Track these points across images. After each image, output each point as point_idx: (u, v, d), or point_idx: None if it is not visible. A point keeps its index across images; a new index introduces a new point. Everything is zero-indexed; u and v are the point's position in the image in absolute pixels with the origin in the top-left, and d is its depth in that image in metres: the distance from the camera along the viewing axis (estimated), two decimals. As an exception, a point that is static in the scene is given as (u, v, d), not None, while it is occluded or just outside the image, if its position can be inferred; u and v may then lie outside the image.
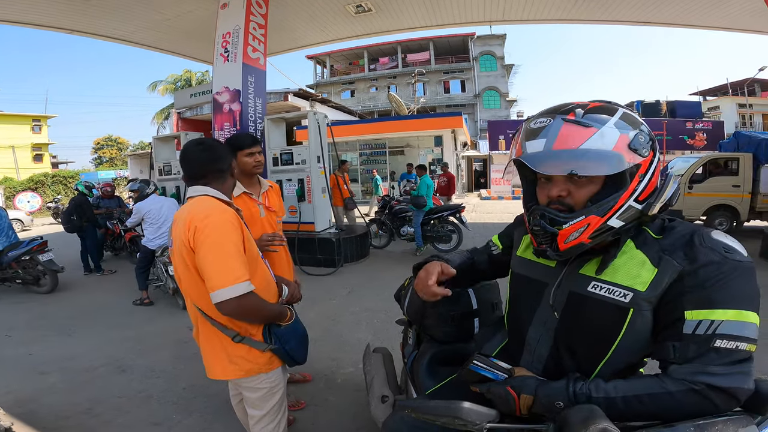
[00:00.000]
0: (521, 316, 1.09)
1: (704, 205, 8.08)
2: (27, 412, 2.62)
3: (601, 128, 0.83)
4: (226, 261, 1.30)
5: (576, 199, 0.90)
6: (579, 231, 0.88)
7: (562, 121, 0.86)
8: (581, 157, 0.83)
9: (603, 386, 0.84)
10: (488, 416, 0.77)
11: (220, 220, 1.34)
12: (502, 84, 34.50)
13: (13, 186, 21.22)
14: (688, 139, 18.98)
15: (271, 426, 1.67)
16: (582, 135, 0.83)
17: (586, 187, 0.89)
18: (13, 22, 7.42)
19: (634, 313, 0.87)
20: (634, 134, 0.84)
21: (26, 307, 5.07)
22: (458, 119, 17.23)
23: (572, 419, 0.73)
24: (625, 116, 0.87)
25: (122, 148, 42.37)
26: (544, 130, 0.87)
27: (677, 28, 8.75)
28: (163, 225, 4.76)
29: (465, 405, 0.76)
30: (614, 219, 0.87)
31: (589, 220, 0.87)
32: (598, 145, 0.82)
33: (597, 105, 0.89)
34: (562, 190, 0.91)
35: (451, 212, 6.99)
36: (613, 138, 0.83)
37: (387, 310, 4.23)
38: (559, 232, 0.89)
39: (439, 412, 0.77)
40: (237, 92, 6.51)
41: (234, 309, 1.32)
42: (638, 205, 0.87)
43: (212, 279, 1.29)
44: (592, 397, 0.82)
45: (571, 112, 0.87)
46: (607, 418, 0.71)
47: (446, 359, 1.40)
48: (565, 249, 0.91)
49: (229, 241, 1.33)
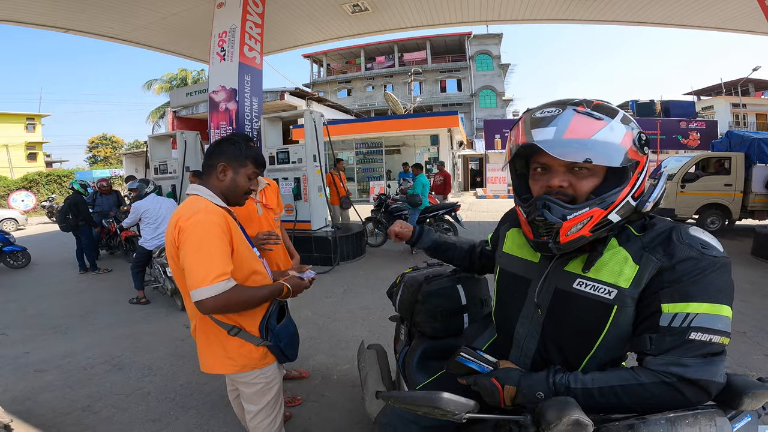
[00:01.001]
0: (508, 312, 1.12)
1: (696, 204, 8.16)
2: (25, 409, 2.64)
3: (611, 122, 0.85)
4: (204, 260, 1.31)
5: (578, 190, 0.90)
6: (581, 224, 0.88)
7: (573, 112, 0.87)
8: (593, 147, 0.84)
9: (581, 378, 0.87)
10: (467, 406, 0.79)
11: (204, 221, 1.36)
12: (498, 83, 34.53)
13: (7, 185, 21.07)
14: (682, 138, 19.08)
15: (267, 421, 1.69)
16: (594, 126, 0.85)
17: (589, 179, 0.90)
18: (8, 21, 7.37)
19: (618, 310, 0.89)
20: (638, 132, 0.87)
21: (21, 305, 5.07)
22: (454, 118, 17.27)
23: (548, 410, 0.75)
24: (625, 116, 0.89)
25: (117, 146, 42.14)
26: (555, 119, 0.87)
27: (672, 29, 8.82)
28: (160, 225, 4.73)
29: (444, 395, 0.78)
30: (614, 213, 0.88)
31: (593, 213, 0.88)
32: (608, 137, 0.84)
33: (600, 103, 0.91)
34: (563, 180, 0.91)
35: (446, 211, 7.03)
36: (621, 133, 0.85)
37: (383, 308, 4.26)
38: (563, 223, 0.89)
39: (419, 402, 0.80)
40: (233, 91, 6.51)
41: (212, 307, 1.33)
42: (633, 201, 0.90)
43: (190, 277, 1.32)
44: (571, 388, 0.86)
45: (581, 105, 0.88)
46: (581, 410, 0.74)
47: (437, 354, 1.44)
48: (566, 242, 0.91)
49: (211, 241, 1.34)
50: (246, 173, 1.58)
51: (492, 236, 1.39)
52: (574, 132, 0.85)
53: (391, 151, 18.65)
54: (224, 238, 1.38)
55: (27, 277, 6.80)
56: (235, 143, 1.56)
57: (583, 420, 0.72)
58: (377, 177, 18.42)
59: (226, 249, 1.37)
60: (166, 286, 4.69)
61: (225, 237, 1.39)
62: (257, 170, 1.62)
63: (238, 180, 1.56)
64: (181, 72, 25.90)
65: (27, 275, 6.92)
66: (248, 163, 1.57)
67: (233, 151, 1.54)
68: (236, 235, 1.46)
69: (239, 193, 1.58)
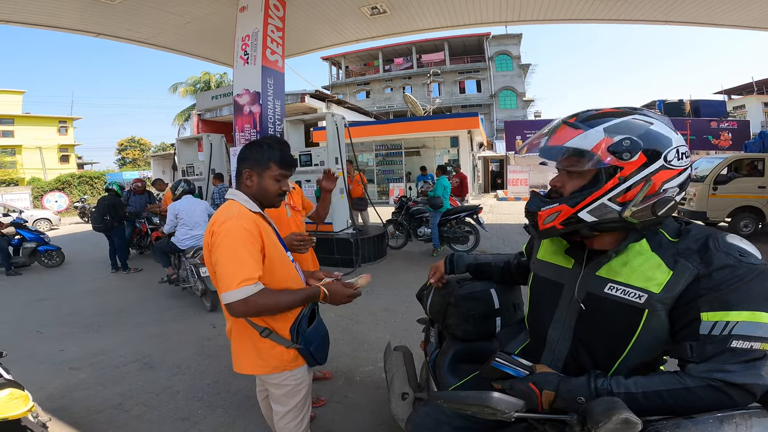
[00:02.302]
0: (541, 316, 1.14)
1: (729, 207, 7.85)
2: (60, 407, 2.72)
3: (588, 131, 0.93)
4: (232, 264, 1.34)
5: (565, 190, 1.00)
6: (552, 216, 0.99)
7: (561, 123, 1.00)
8: (563, 152, 0.97)
9: (623, 382, 0.88)
10: (516, 405, 0.81)
11: (235, 226, 1.39)
12: (518, 84, 34.12)
13: (41, 186, 21.95)
14: (713, 138, 18.45)
15: (295, 422, 1.71)
16: (569, 134, 0.95)
17: (573, 181, 0.99)
18: (42, 26, 7.69)
19: (649, 314, 0.91)
20: (620, 139, 0.89)
21: (56, 304, 5.27)
22: (474, 120, 17.14)
23: (595, 410, 0.76)
24: (630, 121, 0.92)
25: (145, 149, 43.39)
26: (552, 131, 1.01)
27: (700, 27, 8.53)
28: (195, 228, 4.80)
29: (495, 395, 0.81)
30: (585, 212, 0.95)
31: (561, 208, 0.97)
32: (578, 143, 0.93)
33: (605, 111, 0.97)
34: (557, 181, 1.03)
35: (468, 213, 6.98)
36: (595, 139, 0.91)
37: (404, 310, 4.26)
38: (537, 213, 1.01)
39: (470, 401, 0.82)
40: (257, 94, 6.63)
41: (242, 311, 1.36)
42: (615, 205, 0.93)
43: (221, 281, 1.35)
44: (613, 393, 0.86)
45: (573, 117, 0.99)
46: (628, 410, 0.74)
47: (468, 357, 1.43)
48: (543, 229, 1.02)
49: (239, 246, 1.37)
50: (271, 176, 1.54)
51: (527, 246, 1.42)
52: (555, 140, 0.98)
53: (411, 152, 18.63)
54: (254, 243, 1.40)
55: (61, 275, 7.06)
56: (258, 147, 1.55)
57: (633, 419, 0.72)
58: (396, 179, 18.42)
59: (255, 254, 1.39)
60: (197, 286, 4.77)
61: (255, 242, 1.41)
62: (283, 171, 1.56)
63: (264, 184, 1.54)
64: (204, 75, 26.50)
65: (61, 274, 7.19)
66: (272, 165, 1.53)
67: (255, 156, 1.54)
68: (268, 240, 1.48)
69: (270, 196, 1.56)
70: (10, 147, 32.72)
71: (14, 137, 33.36)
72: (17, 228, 7.31)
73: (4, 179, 27.85)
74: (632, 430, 0.72)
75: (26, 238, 7.34)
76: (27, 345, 3.83)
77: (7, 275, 6.94)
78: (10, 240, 7.20)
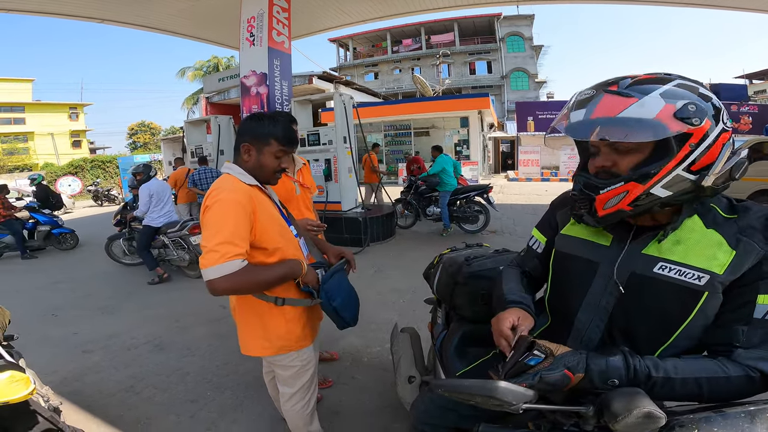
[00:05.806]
0: (568, 298, 1.04)
1: (748, 190, 7.63)
2: (73, 390, 2.75)
3: (643, 98, 0.81)
4: (216, 239, 1.26)
5: (620, 168, 0.88)
6: (618, 197, 0.87)
7: (603, 93, 0.86)
8: (617, 125, 0.81)
9: (662, 365, 0.81)
10: (525, 397, 0.74)
11: (225, 199, 1.32)
12: (530, 65, 33.26)
13: (54, 171, 22.20)
14: (733, 122, 17.84)
15: (301, 404, 1.71)
16: (621, 104, 0.82)
17: (629, 157, 0.87)
18: (47, 13, 7.66)
19: (708, 297, 0.83)
20: (683, 104, 0.79)
21: (70, 286, 5.34)
22: (485, 100, 16.81)
23: (614, 401, 0.70)
24: (678, 86, 0.82)
25: (155, 132, 43.59)
26: (588, 103, 0.87)
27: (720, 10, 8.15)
28: (165, 205, 5.07)
29: (501, 384, 0.73)
30: (658, 188, 0.84)
31: (628, 187, 0.85)
32: (636, 113, 0.80)
33: (649, 77, 0.86)
34: (606, 160, 0.90)
35: (478, 192, 6.86)
36: (656, 107, 0.80)
37: (413, 290, 4.23)
38: (596, 197, 0.89)
39: (474, 391, 0.75)
40: (264, 75, 6.56)
41: (223, 288, 1.26)
42: (690, 175, 0.83)
43: (204, 255, 1.27)
44: (651, 376, 0.80)
45: (615, 84, 0.86)
46: (651, 401, 0.68)
47: (477, 340, 1.38)
48: (604, 215, 0.90)
49: (227, 220, 1.29)
50: (271, 152, 1.47)
51: (543, 228, 1.22)
52: (600, 112, 0.84)
53: (420, 133, 18.42)
54: (243, 216, 1.32)
55: (75, 258, 7.17)
56: (259, 121, 1.48)
57: (656, 413, 0.66)
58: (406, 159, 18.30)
59: (242, 227, 1.31)
60: (184, 257, 4.87)
61: (245, 215, 1.33)
62: (284, 148, 1.49)
63: (263, 160, 1.47)
64: (213, 59, 26.33)
65: (75, 257, 7.29)
66: (272, 141, 1.46)
67: (256, 130, 1.47)
68: (263, 212, 1.42)
69: (267, 172, 1.49)
70: (22, 134, 33.10)
71: (26, 124, 33.70)
72: (31, 212, 7.38)
73: (18, 165, 28.28)
74: (654, 424, 0.66)
75: (40, 221, 7.41)
76: (42, 328, 3.89)
77: (22, 259, 7.05)
78: (25, 224, 7.28)
